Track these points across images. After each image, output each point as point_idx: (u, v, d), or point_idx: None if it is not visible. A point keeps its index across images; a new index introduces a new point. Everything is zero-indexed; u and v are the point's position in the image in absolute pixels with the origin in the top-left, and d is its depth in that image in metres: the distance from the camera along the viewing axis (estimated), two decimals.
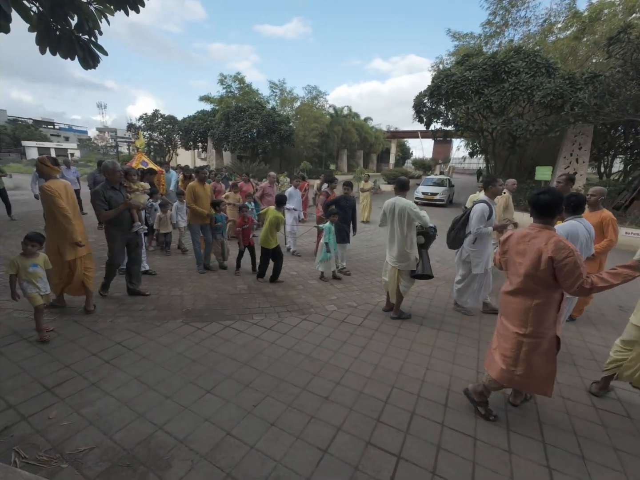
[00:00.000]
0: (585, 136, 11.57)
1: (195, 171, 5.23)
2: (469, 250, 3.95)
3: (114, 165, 3.81)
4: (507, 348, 2.23)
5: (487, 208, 3.78)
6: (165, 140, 25.81)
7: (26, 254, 2.98)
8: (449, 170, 38.75)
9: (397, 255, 3.75)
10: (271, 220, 4.77)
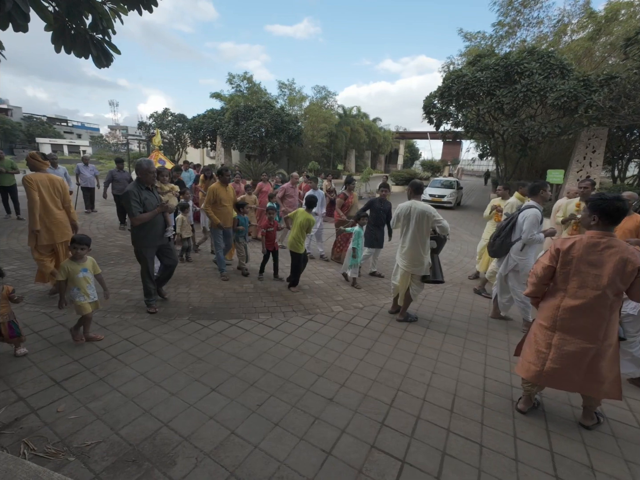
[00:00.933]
0: (600, 139, 11.34)
1: (219, 172, 4.87)
2: (516, 258, 3.73)
3: (150, 164, 3.51)
4: (573, 364, 2.21)
5: (540, 213, 3.60)
6: (175, 139, 26.06)
7: (75, 258, 2.86)
8: (457, 172, 38.38)
9: (410, 259, 3.70)
10: (301, 223, 4.48)
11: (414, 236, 3.63)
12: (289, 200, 6.76)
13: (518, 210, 3.81)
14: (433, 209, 3.60)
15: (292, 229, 4.60)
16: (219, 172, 4.87)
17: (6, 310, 2.63)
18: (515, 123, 11.71)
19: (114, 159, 9.72)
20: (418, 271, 3.70)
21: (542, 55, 11.43)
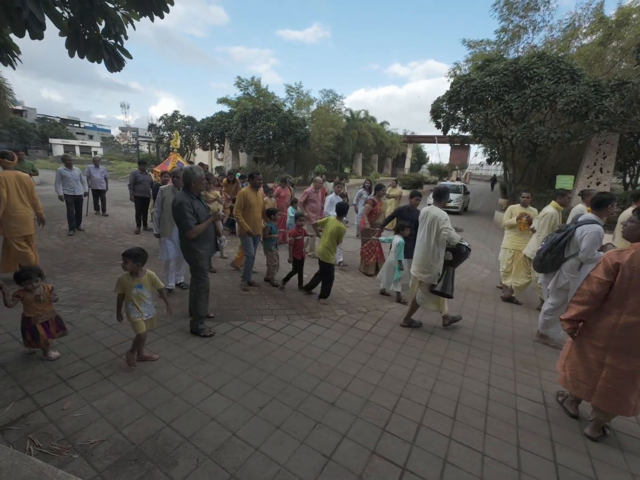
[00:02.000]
0: (610, 145, 11.16)
1: (250, 176, 4.62)
2: (568, 276, 3.46)
3: (201, 171, 3.27)
4: (629, 384, 2.16)
5: (602, 231, 3.31)
6: (184, 141, 26.41)
7: (129, 271, 2.70)
8: (465, 176, 38.12)
9: (420, 264, 3.67)
10: (332, 232, 4.25)
11: (425, 241, 3.60)
12: (312, 205, 6.43)
13: (575, 224, 3.46)
14: (444, 216, 3.50)
15: (323, 237, 4.39)
16: (250, 175, 4.65)
17: (50, 307, 2.74)
18: (524, 128, 11.59)
19: (137, 160, 9.57)
20: (426, 279, 3.63)
21: (552, 60, 11.32)
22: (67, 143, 45.03)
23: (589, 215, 3.43)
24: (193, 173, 3.19)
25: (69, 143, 45.43)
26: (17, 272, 2.68)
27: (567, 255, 3.46)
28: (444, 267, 3.59)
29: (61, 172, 6.88)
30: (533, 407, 2.64)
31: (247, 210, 4.49)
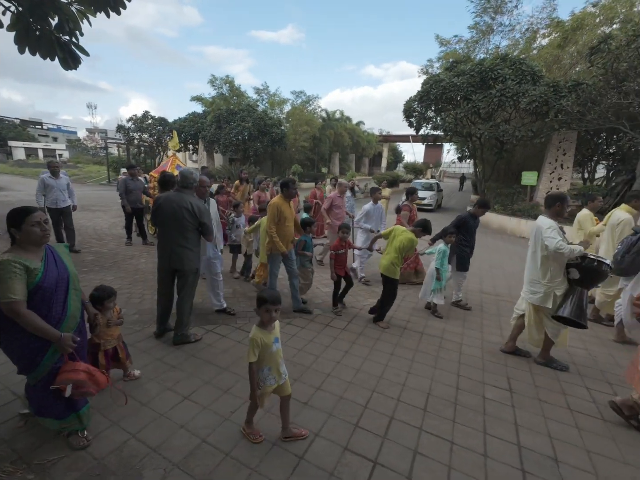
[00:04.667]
0: (569, 142, 11.84)
1: (283, 184, 3.92)
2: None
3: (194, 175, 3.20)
4: None
5: None
6: (156, 142, 25.56)
7: (265, 323, 2.03)
8: (439, 174, 39.22)
9: (527, 283, 3.19)
10: (403, 246, 3.65)
11: (530, 256, 3.19)
12: (336, 212, 5.80)
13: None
14: (546, 224, 2.95)
15: (388, 250, 3.81)
16: (283, 184, 3.94)
17: (118, 331, 2.54)
18: (491, 127, 12.08)
19: (125, 165, 8.53)
20: (536, 301, 3.07)
21: (514, 61, 11.87)
22: (29, 146, 42.44)
23: None
24: (200, 178, 3.27)
25: (31, 146, 42.83)
26: (96, 290, 2.44)
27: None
28: (571, 288, 2.99)
29: (44, 180, 5.76)
30: (499, 393, 2.75)
31: (281, 225, 3.85)
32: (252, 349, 1.97)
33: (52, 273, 1.83)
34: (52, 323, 1.79)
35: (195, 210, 3.01)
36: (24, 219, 1.79)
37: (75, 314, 1.94)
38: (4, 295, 1.65)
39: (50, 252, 1.92)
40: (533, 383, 2.93)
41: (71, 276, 1.94)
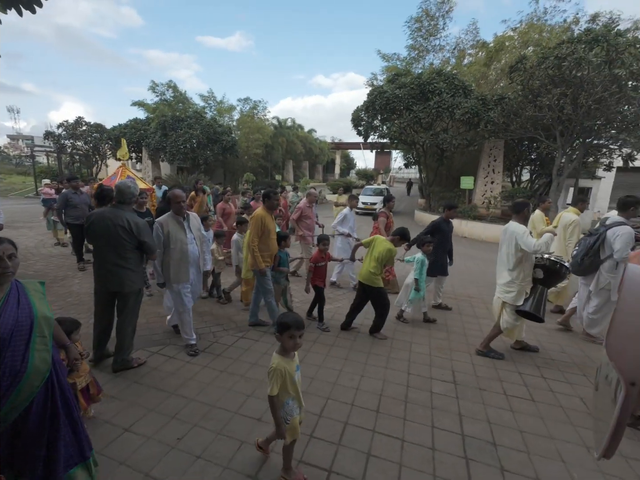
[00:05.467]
0: (498, 150, 13.18)
1: (265, 195, 3.76)
2: (608, 277, 3.60)
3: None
4: None
5: (633, 231, 3.52)
6: (92, 150, 23.53)
7: (289, 350, 1.87)
8: (389, 179, 41.16)
9: (502, 284, 3.40)
10: (382, 256, 3.62)
11: (504, 259, 3.40)
12: (307, 222, 5.65)
13: (605, 227, 3.68)
14: (521, 230, 3.21)
15: (367, 260, 3.77)
16: (265, 195, 3.76)
17: (86, 366, 2.29)
18: (432, 135, 13.01)
19: (65, 176, 6.92)
20: (507, 298, 3.32)
21: (448, 76, 12.96)
22: None
23: (617, 217, 3.67)
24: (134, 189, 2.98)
25: None
26: (59, 324, 2.04)
27: (603, 257, 3.64)
28: (534, 286, 3.32)
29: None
30: (445, 387, 2.93)
31: (265, 238, 3.66)
32: (276, 380, 1.80)
33: (7, 319, 1.47)
34: (4, 384, 1.41)
35: (133, 227, 2.78)
36: None
37: (40, 368, 1.53)
38: None
39: (16, 291, 1.57)
40: (474, 374, 3.16)
41: (37, 321, 1.56)
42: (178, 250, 3.13)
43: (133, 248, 2.85)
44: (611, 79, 8.47)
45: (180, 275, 3.18)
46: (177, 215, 3.19)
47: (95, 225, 2.80)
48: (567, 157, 10.47)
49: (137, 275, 2.94)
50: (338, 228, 5.62)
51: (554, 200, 10.57)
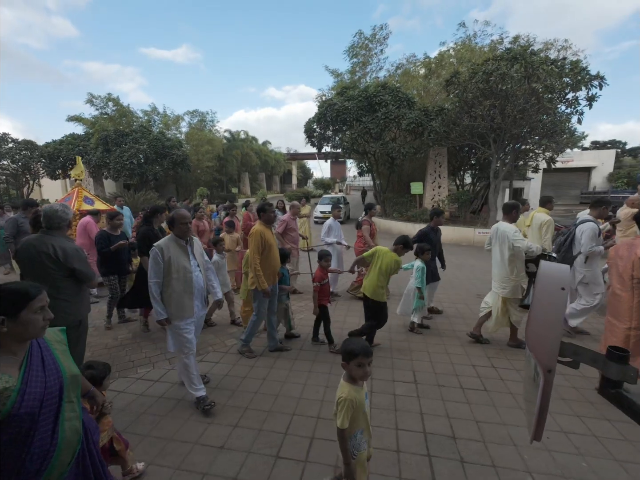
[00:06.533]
0: (442, 156, 14.18)
1: (261, 209, 3.58)
2: (582, 271, 3.88)
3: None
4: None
5: (597, 227, 3.82)
6: (22, 169, 21.31)
7: (358, 379, 1.74)
8: (346, 188, 42.28)
9: (497, 280, 3.69)
10: (388, 268, 3.53)
11: (498, 258, 3.66)
12: (292, 235, 5.56)
13: (574, 225, 3.99)
14: (512, 229, 3.52)
15: (371, 273, 3.65)
16: (260, 208, 3.59)
17: (109, 419, 1.89)
18: (382, 145, 13.64)
19: (23, 202, 5.93)
20: (507, 293, 3.60)
21: (393, 89, 13.75)
22: None
23: (586, 216, 3.98)
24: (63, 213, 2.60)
25: None
26: (90, 368, 1.79)
27: (575, 253, 3.92)
28: (530, 279, 3.54)
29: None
30: (407, 387, 3.02)
31: (266, 255, 3.44)
32: (347, 411, 1.64)
33: (35, 388, 1.15)
34: (32, 469, 1.12)
35: (59, 253, 2.48)
36: (26, 304, 1.20)
37: (71, 441, 1.24)
38: None
39: (38, 349, 1.25)
40: (433, 371, 3.31)
41: (66, 383, 1.26)
42: (181, 280, 2.68)
43: (64, 276, 2.55)
44: (530, 92, 9.56)
45: (184, 310, 2.70)
46: (180, 238, 2.75)
47: (20, 253, 2.54)
48: (501, 161, 11.55)
49: (72, 305, 2.62)
50: (326, 239, 5.67)
51: (493, 201, 11.58)
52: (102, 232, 4.35)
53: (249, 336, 3.64)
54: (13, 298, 1.19)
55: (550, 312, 0.86)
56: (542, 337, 0.83)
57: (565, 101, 10.56)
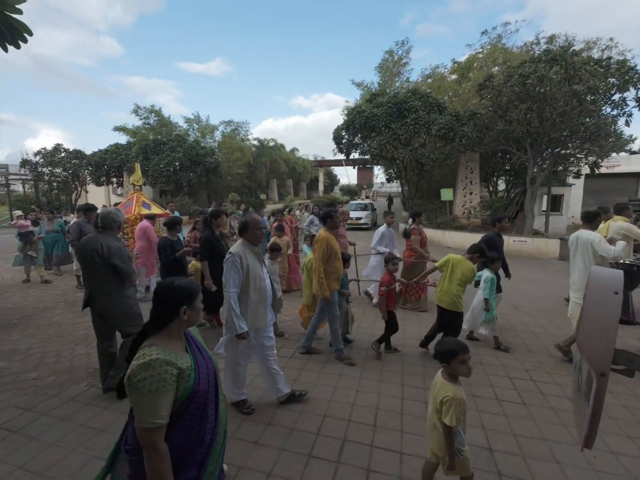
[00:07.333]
0: (474, 162, 13.77)
1: (327, 215, 3.53)
2: None
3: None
4: None
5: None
6: (72, 177, 23.13)
7: (462, 375, 1.79)
8: (373, 194, 42.02)
9: (579, 290, 3.44)
10: (465, 277, 3.40)
11: (581, 267, 3.46)
12: (341, 241, 5.12)
13: None
14: (597, 238, 3.34)
15: (446, 282, 3.49)
16: (326, 215, 3.54)
17: None
18: (411, 151, 13.51)
19: (79, 207, 6.46)
20: None
21: (422, 95, 13.61)
22: None
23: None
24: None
25: None
26: None
27: None
28: None
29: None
30: None
31: (331, 262, 3.42)
32: (454, 409, 1.67)
33: (202, 368, 1.32)
34: (204, 445, 1.28)
35: (105, 250, 2.76)
36: (196, 296, 1.38)
37: (224, 419, 1.41)
38: (146, 419, 1.13)
39: (190, 338, 1.41)
40: (466, 381, 3.20)
41: (217, 367, 1.44)
42: (257, 289, 2.59)
43: (109, 271, 2.83)
44: (571, 94, 9.12)
45: (259, 319, 2.64)
46: (252, 245, 2.67)
47: (79, 250, 2.95)
48: (538, 166, 11.04)
49: (119, 297, 2.89)
50: (378, 248, 5.40)
51: (529, 209, 11.06)
52: (165, 239, 4.38)
53: (338, 343, 3.61)
54: (191, 290, 1.36)
55: (603, 316, 0.85)
56: (596, 341, 0.83)
57: (610, 102, 9.97)
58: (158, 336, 1.27)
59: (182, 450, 1.22)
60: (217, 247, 3.98)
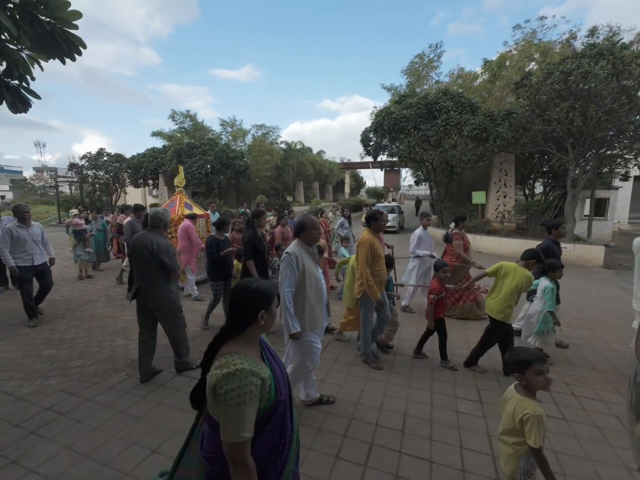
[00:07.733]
0: (509, 164, 13.16)
1: (371, 217, 3.45)
2: None
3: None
4: None
5: None
6: (113, 179, 24.65)
7: (538, 389, 1.68)
8: (399, 197, 41.35)
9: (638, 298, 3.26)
10: (521, 285, 3.13)
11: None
12: None
13: None
14: None
15: (499, 292, 3.27)
16: (370, 216, 3.47)
17: None
18: (441, 152, 13.14)
19: (131, 206, 6.95)
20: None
21: (454, 95, 13.22)
22: None
23: None
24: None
25: None
26: None
27: None
28: None
29: (11, 230, 4.42)
30: (471, 406, 2.85)
31: (375, 265, 3.34)
32: (538, 427, 1.51)
33: (279, 376, 1.25)
34: (284, 455, 1.22)
35: (154, 247, 3.03)
36: (272, 301, 1.31)
37: (297, 424, 1.34)
38: (234, 432, 1.07)
39: (264, 346, 1.33)
40: (500, 391, 3.06)
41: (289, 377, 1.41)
42: (314, 289, 2.57)
43: (157, 267, 3.08)
44: (620, 90, 8.50)
45: (316, 320, 2.60)
46: (308, 245, 2.65)
47: (130, 247, 3.20)
48: (581, 168, 10.36)
49: (164, 291, 3.14)
50: (417, 252, 5.23)
51: (570, 213, 10.41)
52: (212, 238, 4.46)
53: (367, 346, 3.56)
54: (270, 294, 1.28)
55: None
56: None
57: None
58: (236, 342, 1.21)
59: (265, 462, 1.18)
60: (259, 246, 4.12)
